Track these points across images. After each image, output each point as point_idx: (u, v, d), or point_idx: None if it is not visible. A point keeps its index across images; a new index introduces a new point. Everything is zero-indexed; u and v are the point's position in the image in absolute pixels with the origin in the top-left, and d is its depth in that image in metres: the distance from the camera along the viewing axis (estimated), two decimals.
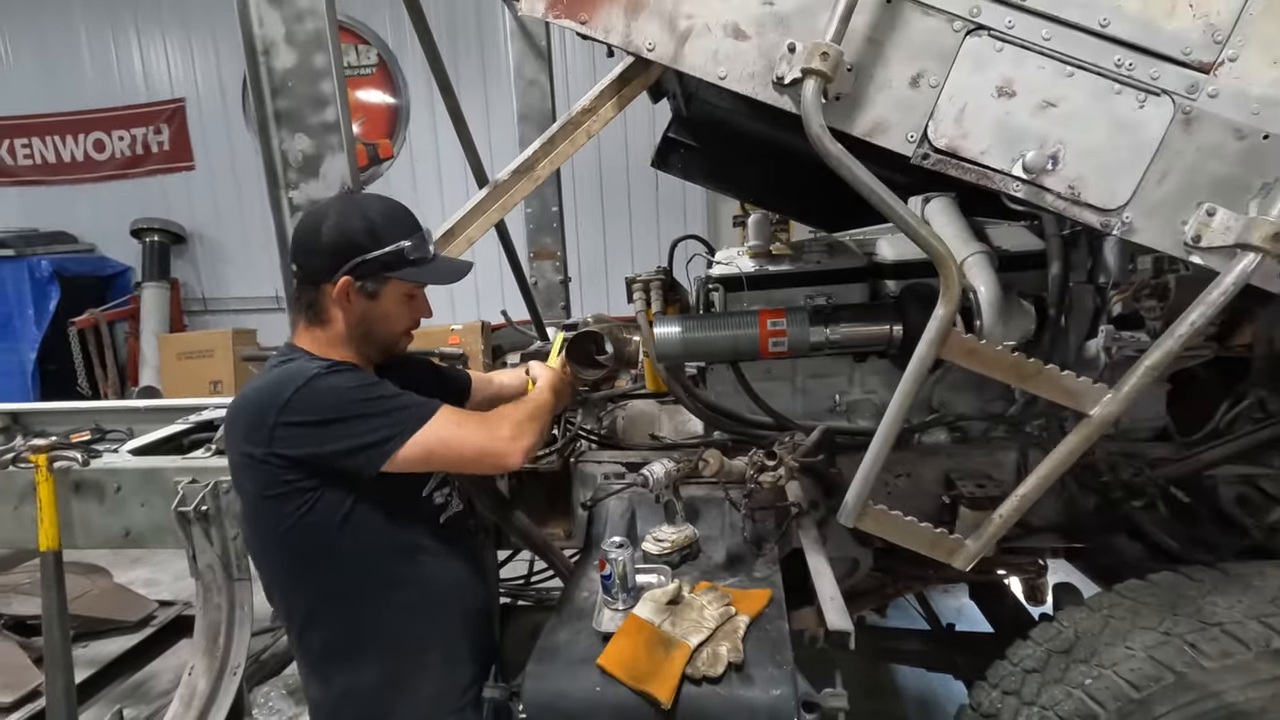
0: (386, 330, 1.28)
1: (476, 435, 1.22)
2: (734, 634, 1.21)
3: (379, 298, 1.23)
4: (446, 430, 1.20)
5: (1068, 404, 0.96)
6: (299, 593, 1.24)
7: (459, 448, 1.21)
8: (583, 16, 1.05)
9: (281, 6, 1.36)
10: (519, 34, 3.36)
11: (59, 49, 6.66)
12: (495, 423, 1.26)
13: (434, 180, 6.37)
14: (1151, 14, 0.91)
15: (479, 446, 1.22)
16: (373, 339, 1.27)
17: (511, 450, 1.23)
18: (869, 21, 0.96)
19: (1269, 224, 0.86)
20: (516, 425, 1.27)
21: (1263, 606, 1.15)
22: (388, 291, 1.23)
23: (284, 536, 1.19)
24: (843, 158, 0.91)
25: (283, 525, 1.17)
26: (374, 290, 1.22)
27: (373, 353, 1.30)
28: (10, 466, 2.10)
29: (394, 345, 1.33)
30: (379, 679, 1.24)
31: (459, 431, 1.21)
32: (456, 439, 1.20)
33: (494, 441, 1.23)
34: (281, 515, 1.16)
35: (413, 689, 1.25)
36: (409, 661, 1.25)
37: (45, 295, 6.03)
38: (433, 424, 1.19)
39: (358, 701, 1.23)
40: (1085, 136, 0.96)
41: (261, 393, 1.16)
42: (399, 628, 1.24)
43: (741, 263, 2.03)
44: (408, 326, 1.32)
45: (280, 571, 1.24)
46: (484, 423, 1.25)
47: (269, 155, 1.43)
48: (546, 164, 1.63)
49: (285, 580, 1.24)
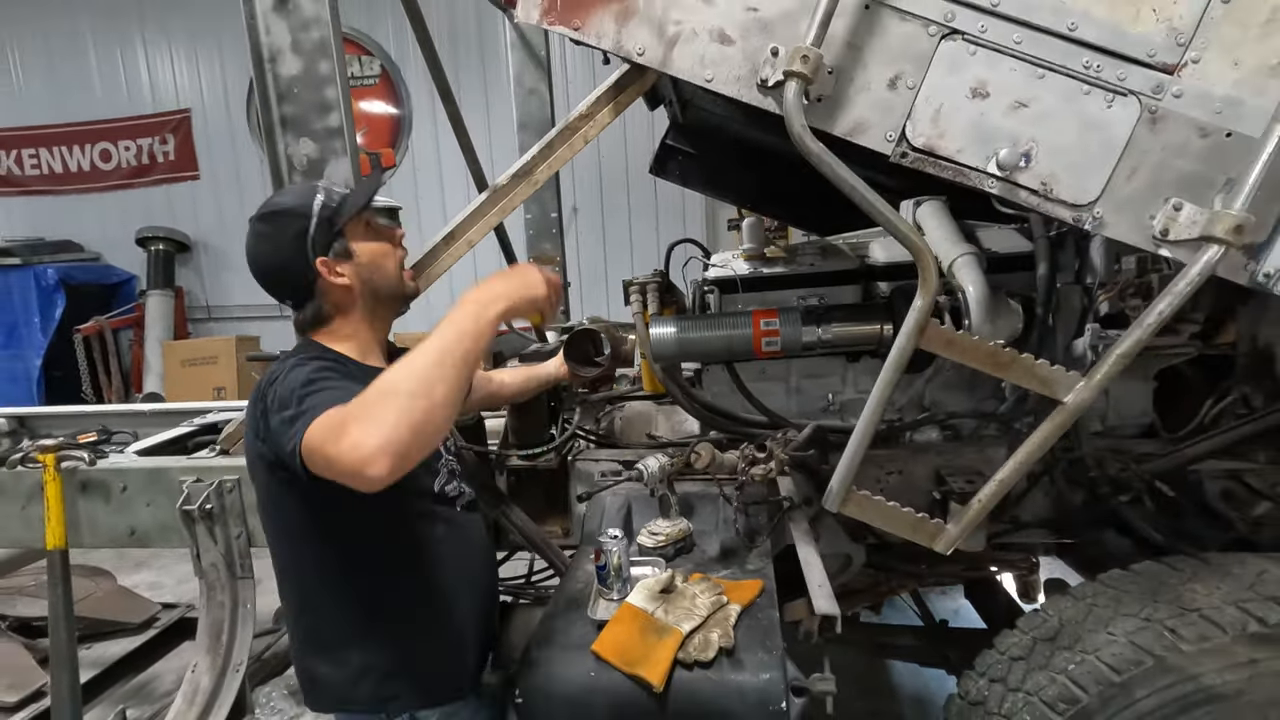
0: (383, 274, 1.27)
1: (333, 437, 0.93)
2: (725, 621, 1.24)
3: (352, 252, 1.23)
4: (316, 432, 0.96)
5: (1042, 391, 1.00)
6: (312, 576, 1.26)
7: (320, 452, 0.95)
8: (575, 23, 1.09)
9: (288, 15, 1.41)
10: (519, 44, 3.43)
11: (67, 61, 6.77)
12: (346, 420, 0.93)
13: (436, 188, 6.44)
14: (1117, 18, 0.96)
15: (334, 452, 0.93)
16: (380, 291, 1.27)
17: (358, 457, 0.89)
18: (848, 26, 1.01)
19: (1231, 217, 0.90)
20: (368, 412, 0.92)
21: (1240, 593, 1.18)
22: (353, 240, 1.23)
23: (295, 523, 1.22)
24: (823, 155, 0.95)
25: (295, 511, 1.20)
26: (343, 249, 1.22)
27: (386, 307, 1.31)
28: (19, 466, 2.14)
29: (400, 285, 1.31)
30: (392, 659, 1.26)
31: (324, 430, 0.95)
32: (319, 440, 0.95)
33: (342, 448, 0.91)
34: (293, 501, 1.20)
35: (421, 670, 1.28)
36: (417, 645, 1.28)
37: (51, 303, 6.10)
38: (314, 425, 0.96)
39: (371, 680, 1.25)
40: (1056, 135, 1.00)
41: (261, 384, 1.19)
42: (409, 613, 1.27)
43: (736, 265, 2.07)
44: (398, 259, 1.31)
45: (293, 556, 1.27)
46: (343, 416, 0.94)
47: (275, 159, 1.48)
48: (545, 168, 1.67)
49: (299, 564, 1.27)
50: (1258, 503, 1.67)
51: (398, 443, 0.89)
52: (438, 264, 1.62)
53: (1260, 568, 1.24)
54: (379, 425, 0.90)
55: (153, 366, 6.15)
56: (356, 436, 0.90)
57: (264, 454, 1.16)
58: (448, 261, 1.63)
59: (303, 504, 1.20)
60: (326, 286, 1.23)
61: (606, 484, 1.73)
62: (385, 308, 1.31)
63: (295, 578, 1.29)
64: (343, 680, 1.27)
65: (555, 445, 1.89)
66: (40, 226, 6.90)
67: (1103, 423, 1.87)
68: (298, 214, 1.21)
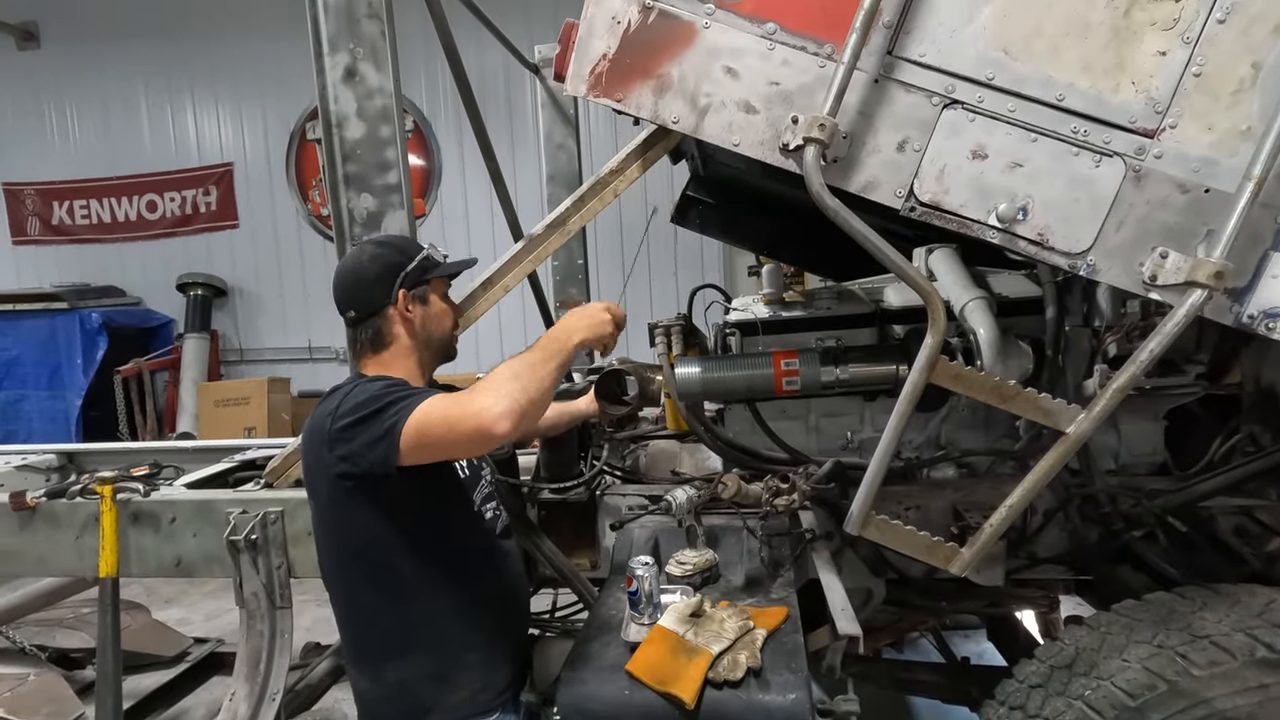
0: (440, 328, 1.48)
1: (456, 407, 1.20)
2: (752, 644, 1.31)
3: (428, 300, 1.46)
4: (431, 407, 1.21)
5: (1045, 423, 1.08)
6: (362, 592, 1.36)
7: (442, 421, 1.20)
8: (618, 95, 1.24)
9: (355, 86, 1.58)
10: (549, 103, 3.65)
11: (121, 119, 7.21)
12: (474, 392, 1.22)
13: (463, 237, 6.68)
14: (1100, 89, 1.08)
15: (457, 416, 1.19)
16: (433, 341, 1.48)
17: (489, 416, 1.16)
18: (860, 98, 1.14)
19: (1212, 265, 1.00)
20: (493, 389, 1.20)
21: (1249, 620, 1.23)
22: (432, 292, 1.46)
23: (349, 538, 1.32)
24: (840, 210, 1.07)
25: (348, 527, 1.30)
26: (423, 294, 1.45)
27: (434, 356, 1.50)
28: (78, 498, 2.25)
29: (450, 343, 1.52)
30: (426, 674, 1.34)
31: (441, 405, 1.21)
32: (439, 412, 1.20)
33: (471, 411, 1.18)
34: (347, 517, 1.30)
35: (455, 686, 1.35)
36: (454, 660, 1.35)
37: (94, 345, 6.35)
38: (423, 405, 1.21)
39: (407, 694, 1.33)
40: (1050, 191, 1.11)
41: (326, 404, 1.32)
42: (448, 628, 1.35)
43: (757, 309, 2.18)
44: (454, 321, 1.53)
45: (345, 572, 1.37)
46: (468, 394, 1.23)
47: (337, 212, 1.63)
48: (577, 219, 1.81)
49: (349, 580, 1.37)
50: (1270, 538, 1.71)
51: (521, 406, 1.19)
52: (476, 307, 1.74)
53: (1269, 597, 1.29)
54: (503, 395, 1.19)
55: (187, 407, 6.34)
56: (485, 403, 1.18)
57: (329, 464, 1.27)
58: (485, 305, 1.75)
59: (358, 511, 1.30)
60: (394, 316, 1.42)
61: (635, 516, 1.81)
62: (431, 355, 1.50)
63: (341, 590, 1.38)
64: (378, 698, 1.35)
65: (585, 480, 1.97)
66: (87, 272, 7.24)
67: (1116, 461, 1.93)
68: (404, 251, 1.45)
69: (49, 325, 6.41)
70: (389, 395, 1.26)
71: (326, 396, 1.34)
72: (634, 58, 1.22)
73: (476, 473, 1.51)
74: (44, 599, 3.05)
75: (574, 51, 1.23)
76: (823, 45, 1.16)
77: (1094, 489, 1.77)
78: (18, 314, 6.45)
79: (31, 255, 7.52)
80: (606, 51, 1.22)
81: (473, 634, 1.38)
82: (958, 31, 1.11)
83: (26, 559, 2.32)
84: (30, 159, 7.34)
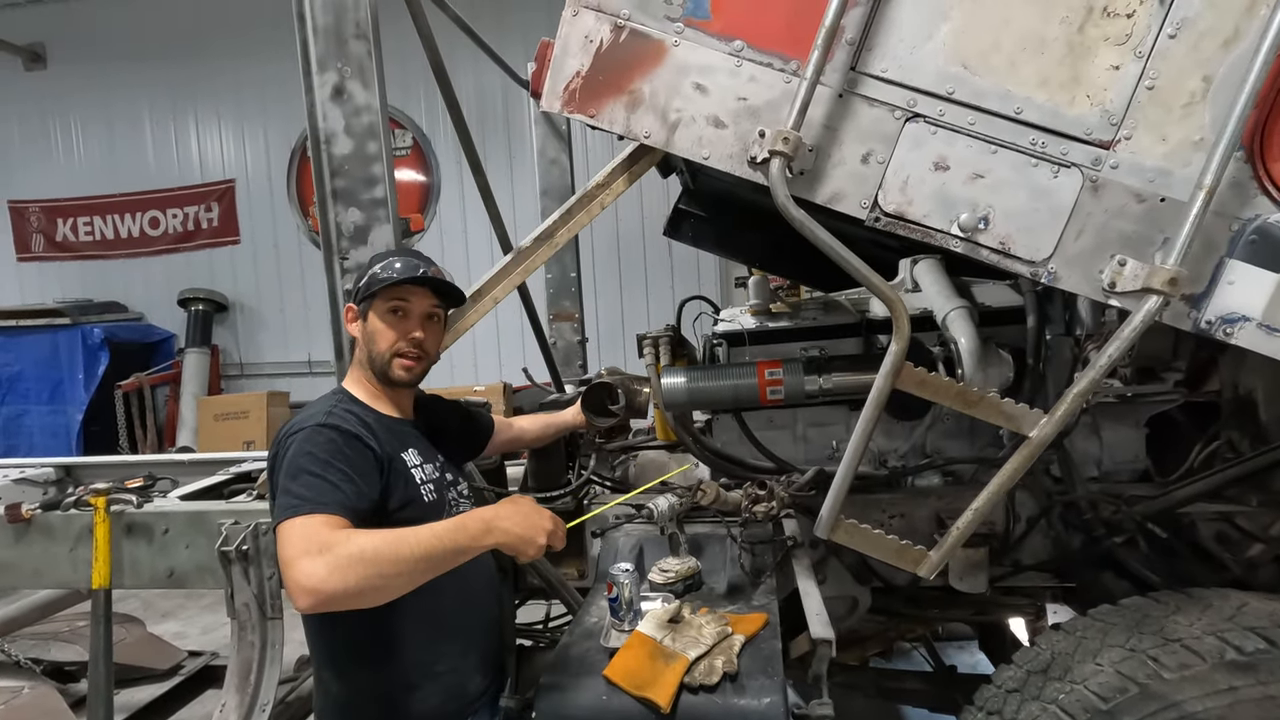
0: (374, 347, 1.42)
1: (299, 551, 1.11)
2: (729, 649, 1.32)
3: (368, 317, 1.44)
4: (292, 530, 1.14)
5: (1009, 426, 1.10)
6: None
7: (283, 548, 1.13)
8: (591, 111, 1.27)
9: (343, 104, 1.63)
10: (543, 120, 3.71)
11: (125, 138, 7.32)
12: (329, 548, 1.10)
13: (461, 251, 6.75)
14: (1057, 103, 1.11)
15: (290, 558, 1.11)
16: (371, 361, 1.44)
17: (307, 584, 1.07)
18: (825, 112, 1.17)
19: (1167, 271, 1.02)
20: (344, 560, 1.09)
21: (1220, 623, 1.24)
22: (373, 310, 1.44)
23: None
24: (805, 221, 1.10)
25: None
26: (364, 310, 1.45)
27: (374, 376, 1.45)
28: (72, 509, 2.28)
29: (386, 367, 1.42)
30: (395, 680, 1.35)
31: (300, 535, 1.13)
32: (292, 540, 1.13)
33: (299, 567, 1.09)
34: None
35: (425, 694, 1.36)
36: (424, 670, 1.37)
37: (95, 360, 6.41)
38: (294, 521, 1.15)
39: (374, 699, 1.35)
40: (1010, 201, 1.14)
41: (284, 429, 1.33)
42: (416, 638, 1.36)
43: (743, 320, 2.21)
44: (393, 343, 1.41)
45: None
46: (321, 545, 1.11)
47: (325, 226, 1.66)
48: (564, 232, 1.84)
49: None
50: (1251, 544, 1.72)
51: (340, 597, 1.09)
52: (465, 319, 1.76)
53: (1241, 601, 1.30)
54: (341, 578, 1.08)
55: (187, 421, 6.38)
56: (319, 571, 1.08)
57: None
58: (474, 317, 1.78)
59: None
60: (349, 329, 1.51)
61: (617, 524, 1.82)
62: (371, 371, 1.45)
63: None
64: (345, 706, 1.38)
65: (572, 489, 1.99)
66: (90, 288, 7.33)
67: (1099, 468, 1.94)
68: (371, 266, 1.48)
69: (51, 341, 6.48)
70: (311, 473, 1.21)
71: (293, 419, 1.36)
72: (606, 75, 1.25)
73: (443, 491, 1.48)
74: (39, 612, 3.06)
75: (549, 69, 1.27)
76: (788, 62, 1.19)
77: (1076, 495, 1.78)
78: (21, 330, 6.52)
79: (35, 271, 7.61)
80: (580, 69, 1.26)
81: (441, 644, 1.39)
82: (918, 48, 1.14)
83: (22, 571, 2.34)
84: (36, 177, 7.46)
